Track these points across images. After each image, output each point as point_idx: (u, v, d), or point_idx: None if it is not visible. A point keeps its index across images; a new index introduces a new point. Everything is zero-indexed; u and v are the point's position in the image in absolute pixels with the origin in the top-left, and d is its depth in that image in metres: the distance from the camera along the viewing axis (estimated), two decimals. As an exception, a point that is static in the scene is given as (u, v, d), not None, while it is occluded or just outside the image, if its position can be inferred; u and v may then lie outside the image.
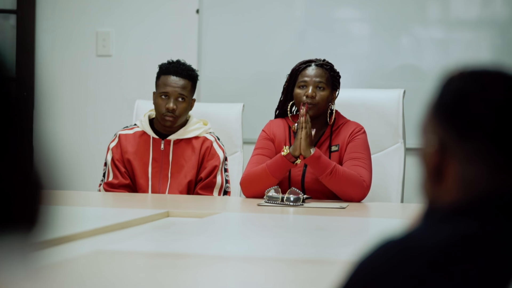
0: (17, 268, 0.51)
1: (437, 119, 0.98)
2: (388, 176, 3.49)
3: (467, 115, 0.96)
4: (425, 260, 0.87)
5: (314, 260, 1.74)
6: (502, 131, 0.94)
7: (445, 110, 0.98)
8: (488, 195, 0.93)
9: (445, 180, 0.97)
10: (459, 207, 0.94)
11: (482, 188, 0.94)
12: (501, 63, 1.02)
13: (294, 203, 2.85)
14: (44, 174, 0.55)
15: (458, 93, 0.98)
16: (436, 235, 0.89)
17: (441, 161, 0.97)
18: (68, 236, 1.93)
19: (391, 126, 3.54)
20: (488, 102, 0.95)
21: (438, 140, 0.98)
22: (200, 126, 3.38)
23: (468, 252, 0.87)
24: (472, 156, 0.95)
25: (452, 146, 0.96)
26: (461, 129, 0.96)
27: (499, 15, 4.46)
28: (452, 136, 0.96)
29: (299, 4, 4.68)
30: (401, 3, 4.54)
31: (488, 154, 0.94)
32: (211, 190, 3.32)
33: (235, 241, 2.07)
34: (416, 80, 4.51)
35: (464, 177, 0.96)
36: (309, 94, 3.13)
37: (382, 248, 0.91)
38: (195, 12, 4.78)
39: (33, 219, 0.53)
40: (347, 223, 2.51)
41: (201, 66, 4.70)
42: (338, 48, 4.60)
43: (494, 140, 0.94)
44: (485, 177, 0.94)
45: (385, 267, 0.89)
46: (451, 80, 0.99)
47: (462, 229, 0.90)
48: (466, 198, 0.95)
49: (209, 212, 2.59)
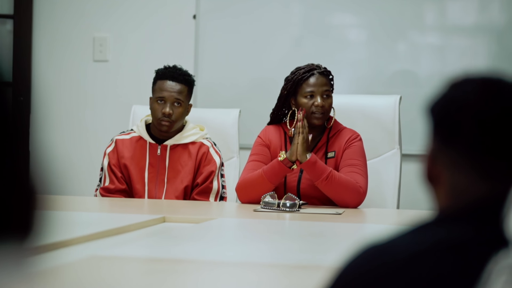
0: (13, 273, 0.51)
1: (429, 125, 0.99)
2: (384, 182, 3.50)
3: (451, 123, 0.96)
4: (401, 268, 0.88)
5: (309, 266, 1.74)
6: (484, 138, 0.94)
7: (433, 117, 0.99)
8: (473, 202, 0.93)
9: (439, 186, 0.98)
10: (446, 213, 0.95)
11: (468, 196, 0.94)
12: (502, 70, 1.02)
13: (290, 209, 2.85)
14: (40, 180, 0.55)
15: (444, 100, 0.98)
16: (417, 242, 0.90)
17: (434, 167, 0.98)
18: (64, 241, 1.93)
19: (387, 132, 3.54)
20: (471, 110, 0.95)
21: (431, 146, 0.99)
22: (196, 131, 3.38)
23: (443, 260, 0.88)
24: (458, 164, 0.95)
25: (441, 153, 0.97)
26: (446, 136, 0.96)
27: (496, 21, 4.47)
28: (440, 143, 0.97)
29: (296, 10, 4.69)
30: (398, 9, 4.54)
31: (472, 162, 0.95)
32: (208, 196, 3.32)
33: (231, 247, 2.07)
34: (412, 86, 4.52)
35: (453, 184, 0.96)
36: (320, 104, 3.12)
37: (363, 255, 0.92)
38: (192, 17, 4.79)
39: (28, 225, 0.54)
40: (343, 229, 2.51)
41: (197, 72, 4.70)
42: (335, 54, 4.60)
43: (477, 148, 0.94)
44: (471, 184, 0.95)
45: (364, 276, 0.90)
46: (446, 86, 1.00)
47: (443, 236, 0.90)
48: (454, 205, 0.95)
49: (205, 217, 2.59)
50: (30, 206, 0.54)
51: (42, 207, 0.55)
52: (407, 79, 4.55)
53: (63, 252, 1.86)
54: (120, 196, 3.31)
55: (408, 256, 0.88)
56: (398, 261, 0.88)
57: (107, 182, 3.33)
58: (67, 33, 4.94)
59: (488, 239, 0.89)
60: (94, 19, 4.91)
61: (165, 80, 3.31)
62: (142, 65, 4.83)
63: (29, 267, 0.53)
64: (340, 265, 0.93)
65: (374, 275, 0.89)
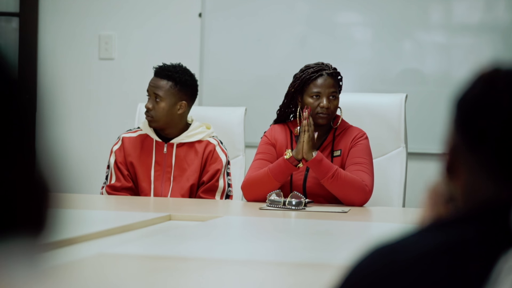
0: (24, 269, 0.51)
1: (454, 119, 0.97)
2: (390, 180, 3.50)
3: (478, 127, 0.93)
4: (411, 268, 0.88)
5: (315, 264, 1.74)
6: (508, 145, 0.93)
7: (459, 113, 0.96)
8: (484, 204, 0.93)
9: (457, 182, 0.97)
10: (458, 215, 0.94)
11: (482, 200, 0.94)
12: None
13: (296, 207, 2.86)
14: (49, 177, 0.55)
15: (473, 97, 0.95)
16: (427, 242, 0.90)
17: (455, 162, 0.97)
18: (72, 238, 1.93)
19: (393, 131, 3.54)
20: (501, 116, 0.92)
21: (453, 140, 0.97)
22: (203, 130, 3.39)
23: (452, 260, 0.88)
24: (478, 168, 0.94)
25: (463, 152, 0.96)
26: (471, 138, 0.94)
27: (501, 20, 4.47)
28: (463, 141, 0.95)
29: (302, 8, 4.69)
30: (404, 7, 4.54)
31: (493, 169, 0.93)
32: (213, 194, 3.32)
33: (237, 245, 2.07)
34: (418, 85, 4.52)
35: (469, 186, 0.95)
36: (325, 105, 3.12)
37: (372, 254, 0.92)
38: (197, 15, 4.79)
39: (41, 222, 0.54)
40: (349, 227, 2.51)
41: (203, 70, 4.70)
42: (340, 52, 4.60)
43: (502, 156, 0.93)
44: (487, 188, 0.94)
45: (373, 275, 0.90)
46: (475, 79, 0.97)
47: (453, 236, 0.90)
48: (467, 207, 0.95)
49: (211, 215, 2.60)
50: (41, 203, 0.55)
51: (54, 204, 0.55)
52: (412, 78, 4.55)
53: (71, 249, 1.87)
54: (126, 194, 3.31)
55: (417, 255, 0.88)
56: (407, 261, 0.88)
57: (113, 180, 3.34)
58: (72, 31, 4.95)
59: (498, 239, 0.89)
60: (100, 17, 4.92)
61: (154, 76, 3.37)
62: (147, 63, 4.83)
63: (40, 264, 0.53)
64: (349, 264, 0.93)
65: (384, 274, 0.89)
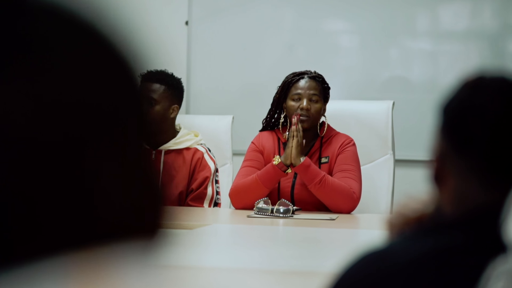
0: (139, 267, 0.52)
1: (440, 125, 0.97)
2: (377, 187, 3.50)
3: (465, 132, 0.93)
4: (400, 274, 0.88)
5: (303, 272, 1.74)
6: (496, 148, 0.92)
7: (446, 119, 0.96)
8: (473, 210, 0.93)
9: (444, 188, 0.97)
10: (447, 221, 0.94)
11: (471, 205, 0.94)
12: None
13: (284, 214, 2.85)
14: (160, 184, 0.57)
15: (459, 103, 0.95)
16: (416, 248, 0.90)
17: (442, 169, 0.97)
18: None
19: (380, 138, 3.54)
20: (488, 121, 0.93)
21: (440, 146, 0.97)
22: (191, 137, 3.38)
23: (442, 266, 0.88)
24: (466, 173, 0.94)
25: (450, 158, 0.96)
26: (458, 143, 0.94)
27: (488, 27, 4.49)
28: (450, 147, 0.95)
29: (289, 16, 4.70)
30: (390, 15, 4.56)
31: (481, 173, 0.93)
32: (202, 202, 3.31)
33: (225, 253, 2.07)
34: (405, 92, 4.53)
35: (457, 191, 0.95)
36: (304, 106, 3.12)
37: (361, 261, 0.92)
38: (184, 23, 4.79)
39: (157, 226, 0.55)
40: (337, 235, 2.51)
41: (190, 78, 4.70)
42: (327, 59, 4.61)
43: (490, 161, 0.93)
44: (475, 193, 0.94)
45: (363, 281, 0.90)
46: (460, 86, 0.97)
47: (442, 242, 0.90)
48: (456, 212, 0.95)
49: (200, 223, 2.59)
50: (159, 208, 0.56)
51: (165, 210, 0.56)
52: (399, 85, 4.56)
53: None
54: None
55: (407, 261, 0.88)
56: (397, 267, 0.89)
57: (100, 189, 3.32)
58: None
59: (487, 245, 0.89)
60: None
61: (143, 82, 3.35)
62: (135, 72, 4.83)
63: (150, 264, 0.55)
64: (338, 271, 0.93)
65: (372, 280, 0.89)
